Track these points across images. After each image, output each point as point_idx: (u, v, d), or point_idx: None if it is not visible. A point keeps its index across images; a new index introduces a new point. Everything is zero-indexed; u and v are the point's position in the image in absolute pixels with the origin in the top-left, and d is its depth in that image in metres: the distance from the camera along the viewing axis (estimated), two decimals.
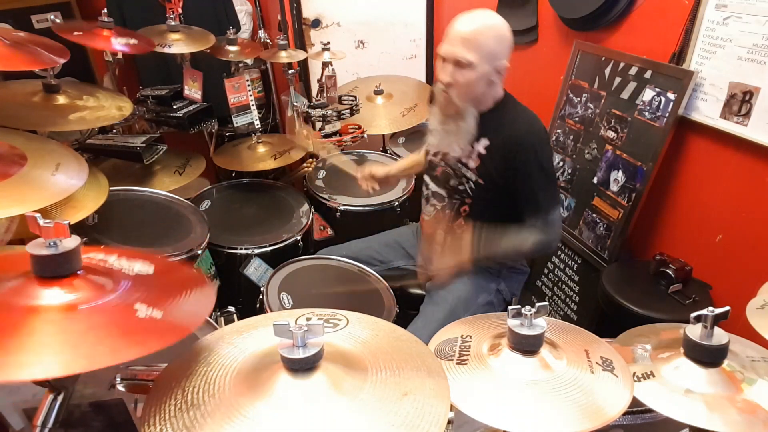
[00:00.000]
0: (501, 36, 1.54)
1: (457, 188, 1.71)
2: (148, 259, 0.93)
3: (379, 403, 0.75)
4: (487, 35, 1.52)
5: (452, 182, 1.72)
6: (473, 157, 1.64)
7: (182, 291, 0.86)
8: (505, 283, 1.79)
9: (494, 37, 1.52)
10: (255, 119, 2.52)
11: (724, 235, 1.82)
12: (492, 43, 1.52)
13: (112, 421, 1.09)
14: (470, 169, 1.66)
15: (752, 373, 0.93)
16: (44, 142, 1.48)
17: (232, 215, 2.32)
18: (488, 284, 1.76)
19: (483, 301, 1.73)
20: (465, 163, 1.66)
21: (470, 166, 1.65)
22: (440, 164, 1.75)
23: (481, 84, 1.56)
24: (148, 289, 0.83)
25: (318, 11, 3.18)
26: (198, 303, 0.86)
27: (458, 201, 1.71)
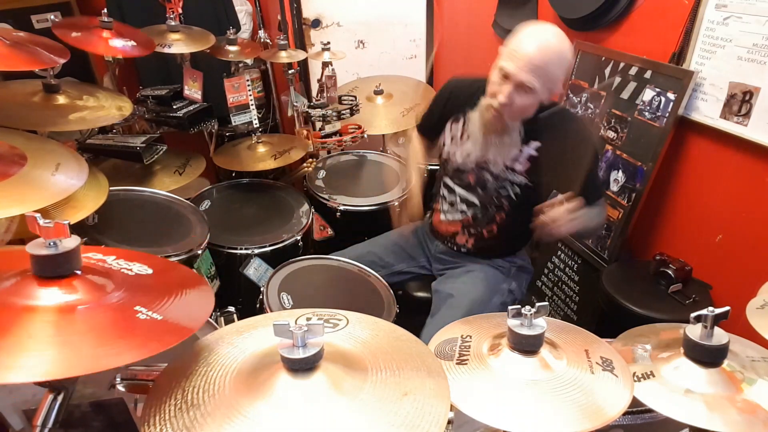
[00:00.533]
0: (568, 65, 1.50)
1: (497, 195, 1.69)
2: (146, 260, 0.93)
3: (379, 403, 0.75)
4: (556, 64, 1.46)
5: (490, 189, 1.69)
6: (521, 160, 1.62)
7: (182, 292, 0.86)
8: (515, 281, 1.79)
9: (563, 66, 1.48)
10: (254, 118, 2.52)
11: (724, 235, 1.82)
12: (558, 72, 1.47)
13: (112, 421, 1.09)
14: (518, 173, 1.64)
15: (752, 373, 0.93)
16: (44, 142, 1.48)
17: (232, 215, 2.32)
18: (500, 285, 1.76)
19: (497, 302, 1.72)
20: (512, 167, 1.64)
21: (518, 169, 1.64)
22: (473, 170, 1.71)
23: (535, 107, 1.54)
24: (147, 291, 0.83)
25: (318, 11, 3.18)
26: (198, 304, 0.86)
27: (495, 208, 1.70)
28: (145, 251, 1.70)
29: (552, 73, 1.46)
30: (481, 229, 1.77)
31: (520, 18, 2.64)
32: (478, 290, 1.71)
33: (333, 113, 2.55)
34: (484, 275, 1.75)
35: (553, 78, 1.47)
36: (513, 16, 2.69)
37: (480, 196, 1.73)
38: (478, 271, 1.77)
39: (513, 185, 1.66)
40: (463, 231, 1.81)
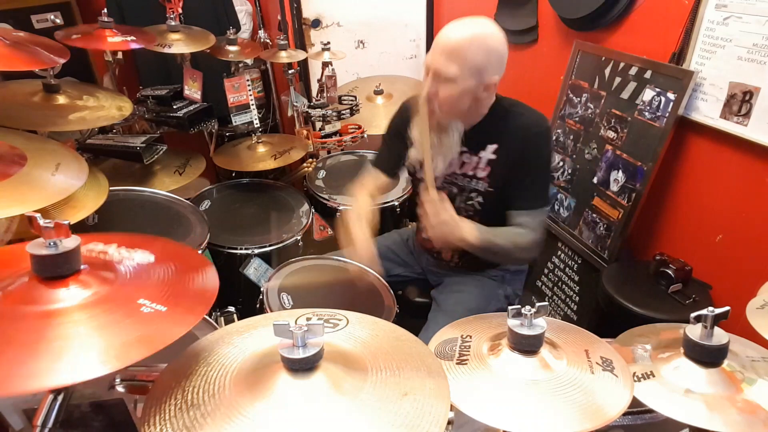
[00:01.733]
0: (490, 48, 1.38)
1: (464, 205, 1.64)
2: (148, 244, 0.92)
3: (379, 403, 0.75)
4: (473, 47, 1.37)
5: (458, 201, 1.64)
6: (481, 166, 1.56)
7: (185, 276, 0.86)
8: (510, 286, 1.78)
9: (482, 49, 1.37)
10: (254, 118, 2.52)
11: (724, 235, 1.82)
12: (479, 57, 1.37)
13: (112, 421, 1.09)
14: (480, 179, 1.58)
15: (752, 373, 0.93)
16: (44, 142, 1.48)
17: (232, 215, 2.32)
18: (496, 291, 1.75)
19: (494, 308, 1.71)
20: (473, 175, 1.59)
21: (479, 176, 1.58)
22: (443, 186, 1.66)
23: (465, 100, 1.43)
24: (150, 281, 0.83)
25: (318, 11, 3.18)
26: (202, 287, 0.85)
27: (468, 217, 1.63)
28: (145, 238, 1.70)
29: (471, 59, 1.36)
30: None
31: (520, 18, 2.65)
32: (474, 300, 1.70)
33: (333, 113, 2.55)
34: (479, 283, 1.73)
35: (473, 64, 1.37)
36: (513, 16, 2.69)
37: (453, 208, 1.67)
38: (472, 281, 1.75)
39: (478, 194, 1.60)
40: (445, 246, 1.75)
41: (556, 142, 2.42)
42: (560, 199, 2.39)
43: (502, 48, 1.41)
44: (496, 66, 1.41)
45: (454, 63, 1.37)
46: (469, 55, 1.37)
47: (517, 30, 2.68)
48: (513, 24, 2.69)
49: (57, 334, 0.70)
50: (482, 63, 1.38)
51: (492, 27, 1.42)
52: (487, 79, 1.41)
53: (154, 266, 0.87)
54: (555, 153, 2.42)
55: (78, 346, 0.69)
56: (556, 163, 2.41)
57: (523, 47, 2.71)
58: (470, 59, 1.37)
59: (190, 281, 0.86)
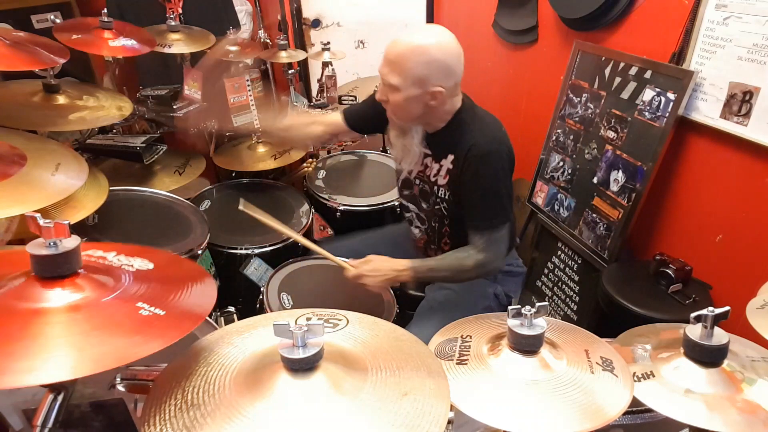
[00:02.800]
0: (430, 60, 1.40)
1: (434, 208, 1.67)
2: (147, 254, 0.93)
3: (379, 403, 0.75)
4: (412, 59, 1.40)
5: (430, 201, 1.67)
6: (442, 173, 1.59)
7: (183, 286, 0.86)
8: (501, 286, 1.78)
9: (422, 61, 1.40)
10: (255, 119, 2.52)
11: (724, 235, 1.82)
12: (419, 68, 1.40)
13: (112, 421, 1.09)
14: (441, 187, 1.61)
15: (752, 373, 0.94)
16: (44, 142, 1.48)
17: (232, 215, 2.32)
18: (486, 289, 1.75)
19: (482, 306, 1.72)
20: (435, 181, 1.62)
21: (440, 183, 1.61)
22: (416, 182, 1.70)
23: (414, 106, 1.47)
24: (149, 286, 0.83)
25: (318, 11, 3.18)
26: (200, 297, 0.86)
27: (438, 222, 1.68)
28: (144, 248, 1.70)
29: (410, 69, 1.40)
30: (439, 243, 1.76)
31: (520, 18, 2.65)
32: (462, 296, 1.71)
33: None
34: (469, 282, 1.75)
35: (413, 73, 1.41)
36: (513, 16, 2.69)
37: (424, 210, 1.71)
38: None
39: (442, 201, 1.63)
40: (427, 247, 1.80)
41: (556, 142, 2.42)
42: (560, 199, 2.39)
43: (444, 57, 1.42)
44: (438, 76, 1.42)
45: (395, 73, 1.43)
46: (409, 65, 1.41)
47: (517, 30, 2.68)
48: (513, 24, 2.69)
49: (50, 332, 0.70)
50: (422, 73, 1.41)
51: (438, 37, 1.43)
52: (431, 88, 1.43)
53: (152, 274, 0.88)
54: (555, 153, 2.42)
55: (71, 345, 0.69)
56: (557, 162, 2.41)
57: (523, 47, 2.71)
58: (410, 70, 1.41)
59: (188, 290, 0.86)
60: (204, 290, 0.88)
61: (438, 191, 1.62)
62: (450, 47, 1.44)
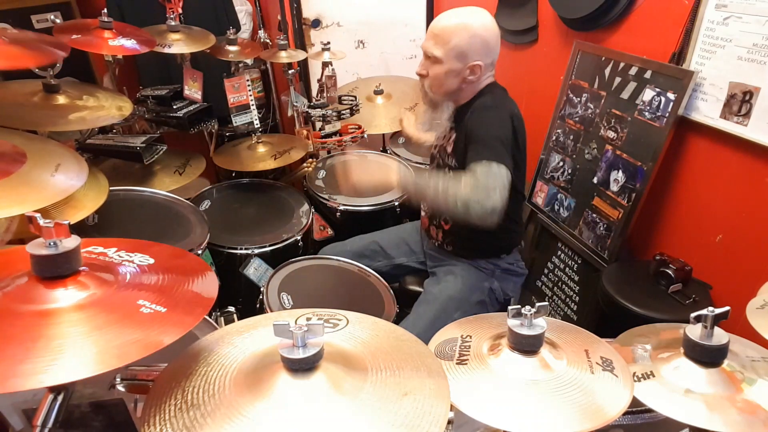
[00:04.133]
0: (474, 35, 1.53)
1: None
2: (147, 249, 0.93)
3: (379, 403, 0.75)
4: (458, 33, 1.52)
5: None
6: (450, 141, 1.67)
7: (184, 280, 0.86)
8: (499, 282, 1.79)
9: (466, 36, 1.52)
10: (254, 119, 2.52)
11: (724, 235, 1.82)
12: (463, 43, 1.52)
13: (112, 421, 1.09)
14: (449, 155, 1.67)
15: (752, 373, 0.93)
16: (44, 142, 1.48)
17: (232, 215, 2.32)
18: (481, 283, 1.77)
19: (475, 300, 1.74)
20: (446, 149, 1.69)
21: (448, 150, 1.68)
22: (436, 156, 1.78)
23: (451, 80, 1.58)
24: (150, 283, 0.83)
25: (318, 11, 3.18)
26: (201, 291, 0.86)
27: None
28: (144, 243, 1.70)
29: (454, 42, 1.52)
30: (440, 219, 1.80)
31: (520, 18, 2.65)
32: (456, 287, 1.73)
33: (333, 113, 2.55)
34: (466, 273, 1.77)
35: (457, 46, 1.53)
36: (513, 16, 2.69)
37: None
38: (460, 269, 1.79)
39: (450, 169, 1.68)
40: (431, 222, 1.84)
41: (556, 142, 2.42)
42: (560, 199, 2.39)
43: (486, 34, 1.55)
44: (479, 50, 1.55)
45: (439, 45, 1.55)
46: (453, 40, 1.53)
47: (517, 30, 2.68)
48: (513, 24, 2.69)
49: (55, 333, 0.70)
50: (465, 48, 1.54)
51: (480, 16, 1.56)
52: (471, 62, 1.55)
53: (153, 269, 0.87)
54: (555, 153, 2.42)
55: (76, 345, 0.69)
56: (557, 163, 2.41)
57: (523, 47, 2.71)
58: (454, 43, 1.53)
59: (189, 284, 0.86)
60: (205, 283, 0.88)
61: (448, 160, 1.69)
62: (491, 26, 1.57)
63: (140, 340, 0.70)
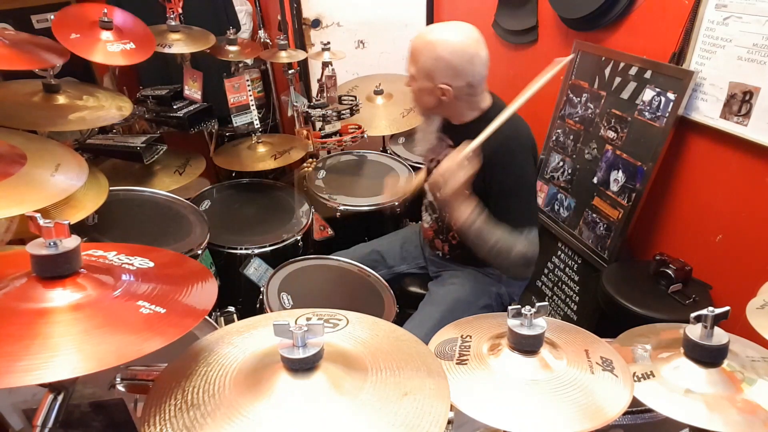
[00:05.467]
0: (438, 58, 1.45)
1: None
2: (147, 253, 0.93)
3: (379, 403, 0.75)
4: (423, 53, 1.47)
5: None
6: None
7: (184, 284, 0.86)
8: (506, 287, 1.79)
9: (431, 57, 1.46)
10: (254, 119, 2.52)
11: (724, 235, 1.82)
12: (428, 64, 1.47)
13: (112, 421, 1.09)
14: None
15: (752, 373, 0.93)
16: (44, 142, 1.48)
17: (232, 215, 2.32)
18: (489, 288, 1.76)
19: (482, 304, 1.73)
20: None
21: None
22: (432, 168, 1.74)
23: (426, 97, 1.53)
24: (149, 285, 0.83)
25: (318, 11, 3.18)
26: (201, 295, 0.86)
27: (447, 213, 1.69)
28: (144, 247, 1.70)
29: (422, 62, 1.48)
30: (447, 235, 1.76)
31: (520, 18, 2.65)
32: (464, 290, 1.72)
33: (333, 113, 2.55)
34: (473, 277, 1.75)
35: (425, 68, 1.48)
36: (513, 16, 2.69)
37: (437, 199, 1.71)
38: (468, 275, 1.77)
39: None
40: (436, 236, 1.82)
41: (556, 142, 2.42)
42: (560, 199, 2.39)
43: (452, 58, 1.45)
44: (444, 74, 1.47)
45: (411, 63, 1.53)
46: (421, 59, 1.49)
47: (517, 30, 2.68)
48: (513, 24, 2.69)
49: (53, 331, 0.70)
50: (430, 68, 1.48)
51: (452, 37, 1.47)
52: (439, 83, 1.48)
53: (153, 271, 0.87)
54: (555, 153, 2.42)
55: (74, 343, 0.69)
56: (556, 163, 2.41)
57: (523, 47, 2.71)
58: (423, 63, 1.49)
59: (189, 286, 0.86)
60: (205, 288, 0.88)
61: None
62: (461, 49, 1.46)
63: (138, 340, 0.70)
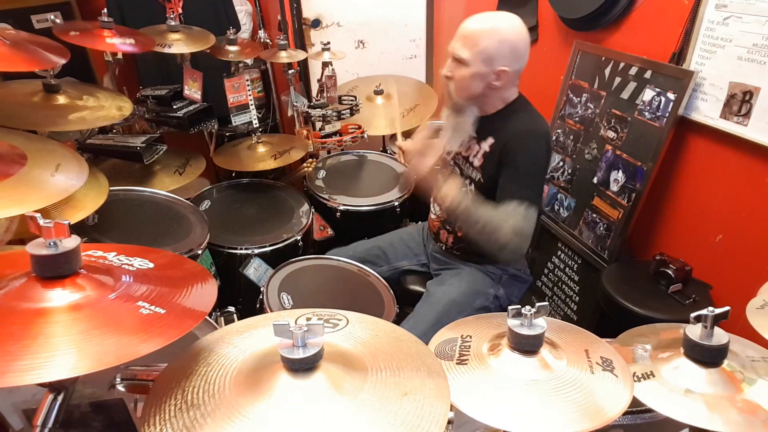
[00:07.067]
0: (503, 40, 1.51)
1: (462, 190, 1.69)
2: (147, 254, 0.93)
3: (379, 403, 0.75)
4: (487, 37, 1.51)
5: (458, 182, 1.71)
6: (478, 155, 1.65)
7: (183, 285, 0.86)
8: (504, 289, 1.79)
9: (495, 40, 1.50)
10: (253, 118, 2.52)
11: (724, 235, 1.82)
12: (491, 46, 1.51)
13: (112, 421, 1.09)
14: (474, 168, 1.66)
15: (752, 373, 0.93)
16: (44, 142, 1.48)
17: (232, 215, 2.32)
18: (487, 289, 1.76)
19: (478, 305, 1.73)
20: (471, 162, 1.67)
21: (475, 164, 1.66)
22: (451, 163, 1.76)
23: (476, 83, 1.56)
24: (149, 286, 0.83)
25: (318, 11, 3.18)
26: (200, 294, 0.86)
27: None
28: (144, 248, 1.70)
29: (483, 46, 1.51)
30: (453, 226, 1.78)
31: (520, 18, 2.64)
32: (460, 290, 1.72)
33: (333, 113, 2.55)
34: (471, 278, 1.76)
35: (485, 50, 1.51)
36: None
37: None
38: (466, 273, 1.78)
39: (471, 182, 1.68)
40: (443, 227, 1.83)
41: (556, 142, 2.42)
42: (560, 199, 2.39)
43: (515, 40, 1.53)
44: (507, 55, 1.53)
45: (467, 48, 1.53)
46: (481, 43, 1.51)
47: None
48: None
49: (53, 331, 0.70)
50: (493, 52, 1.51)
51: (511, 22, 1.55)
52: (498, 66, 1.53)
53: (152, 272, 0.87)
54: (555, 153, 2.42)
55: (73, 343, 0.69)
56: (556, 163, 2.41)
57: None
58: (483, 46, 1.51)
59: (188, 287, 0.86)
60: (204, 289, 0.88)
61: (471, 172, 1.68)
62: (522, 33, 1.55)
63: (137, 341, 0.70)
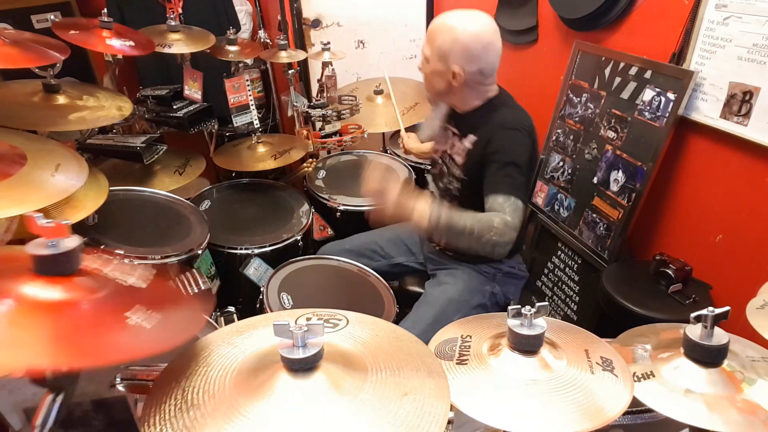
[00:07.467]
0: (455, 40, 1.49)
1: (447, 188, 1.71)
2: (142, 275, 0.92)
3: (379, 403, 0.75)
4: (442, 34, 1.52)
5: (444, 180, 1.72)
6: (460, 152, 1.65)
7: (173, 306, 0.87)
8: (500, 286, 1.79)
9: (449, 39, 1.50)
10: (254, 119, 2.52)
11: (724, 235, 1.82)
12: (445, 45, 1.51)
13: (113, 419, 1.09)
14: (457, 166, 1.66)
15: (752, 373, 0.94)
16: (44, 142, 1.48)
17: (232, 215, 2.32)
18: (482, 287, 1.76)
19: (476, 303, 1.73)
20: (455, 160, 1.67)
21: (457, 162, 1.66)
22: (438, 161, 1.77)
23: (437, 80, 1.57)
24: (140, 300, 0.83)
25: (318, 11, 3.18)
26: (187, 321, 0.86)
27: (448, 203, 1.70)
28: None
29: (439, 44, 1.52)
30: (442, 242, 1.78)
31: (520, 18, 2.65)
32: (457, 289, 1.72)
33: (333, 113, 2.55)
34: (467, 277, 1.76)
35: (440, 48, 1.52)
36: (513, 16, 2.69)
37: (439, 189, 1.76)
38: (461, 272, 1.78)
39: (455, 179, 1.68)
40: None
41: (556, 142, 2.42)
42: (560, 199, 2.39)
43: (467, 41, 1.50)
44: (459, 56, 1.51)
45: (428, 44, 1.57)
46: (437, 40, 1.53)
47: (517, 30, 2.68)
48: (513, 24, 2.69)
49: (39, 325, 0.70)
50: (446, 50, 1.52)
51: (471, 22, 1.52)
52: (452, 66, 1.52)
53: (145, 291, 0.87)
54: (555, 153, 2.42)
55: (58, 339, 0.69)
56: (557, 162, 2.41)
57: (523, 47, 2.71)
58: (439, 45, 1.53)
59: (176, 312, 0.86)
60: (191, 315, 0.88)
61: (454, 170, 1.67)
62: (479, 34, 1.51)
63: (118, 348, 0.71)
